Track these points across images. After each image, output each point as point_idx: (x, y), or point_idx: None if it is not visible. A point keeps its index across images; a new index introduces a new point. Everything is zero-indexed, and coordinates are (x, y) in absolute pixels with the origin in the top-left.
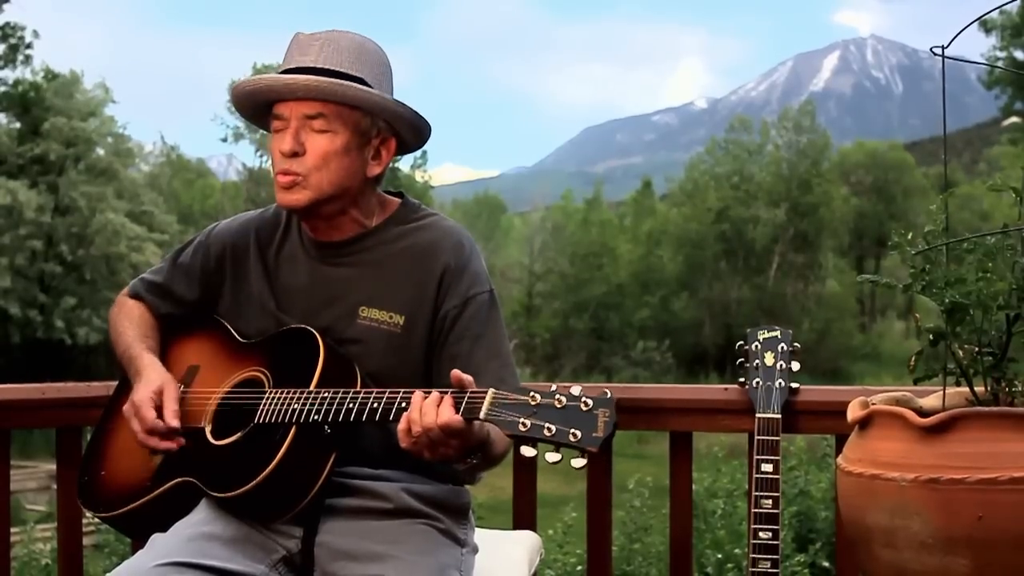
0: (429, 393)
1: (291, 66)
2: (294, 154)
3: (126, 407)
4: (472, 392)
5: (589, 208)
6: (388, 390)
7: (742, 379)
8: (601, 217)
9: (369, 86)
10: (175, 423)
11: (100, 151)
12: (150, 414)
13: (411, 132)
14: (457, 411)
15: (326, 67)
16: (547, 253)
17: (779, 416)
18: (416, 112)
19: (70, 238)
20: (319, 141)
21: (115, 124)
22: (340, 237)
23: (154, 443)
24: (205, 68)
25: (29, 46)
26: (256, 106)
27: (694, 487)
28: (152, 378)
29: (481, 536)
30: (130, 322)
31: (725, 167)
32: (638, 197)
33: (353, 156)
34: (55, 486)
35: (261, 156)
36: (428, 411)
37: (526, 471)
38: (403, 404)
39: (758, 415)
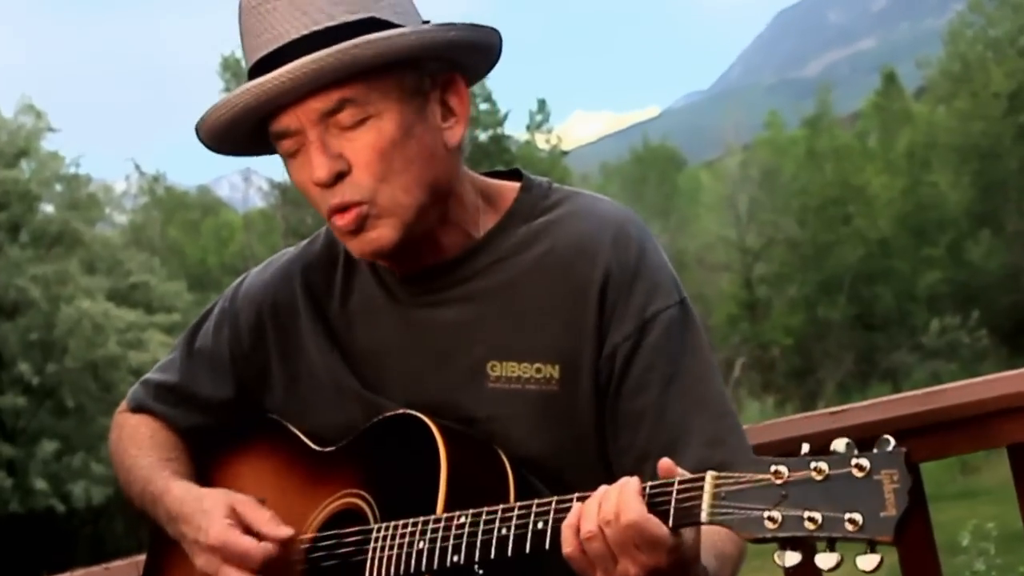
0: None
1: (262, 53)
2: (338, 177)
3: (201, 563)
4: (682, 483)
5: (811, 132)
6: (557, 498)
7: None
8: (834, 143)
9: (385, 23)
10: (286, 531)
11: (47, 207)
12: (246, 542)
13: (475, 55)
14: (650, 507)
15: (312, 30)
16: (761, 215)
17: None
18: (470, 26)
19: (30, 350)
20: (361, 140)
21: (62, 162)
22: (436, 259)
23: None
24: (172, 55)
25: None
26: (243, 137)
27: None
28: (207, 506)
29: None
30: (139, 448)
31: (1005, 26)
32: (880, 100)
33: (419, 133)
34: None
35: None
36: (608, 499)
37: None
38: None
39: None
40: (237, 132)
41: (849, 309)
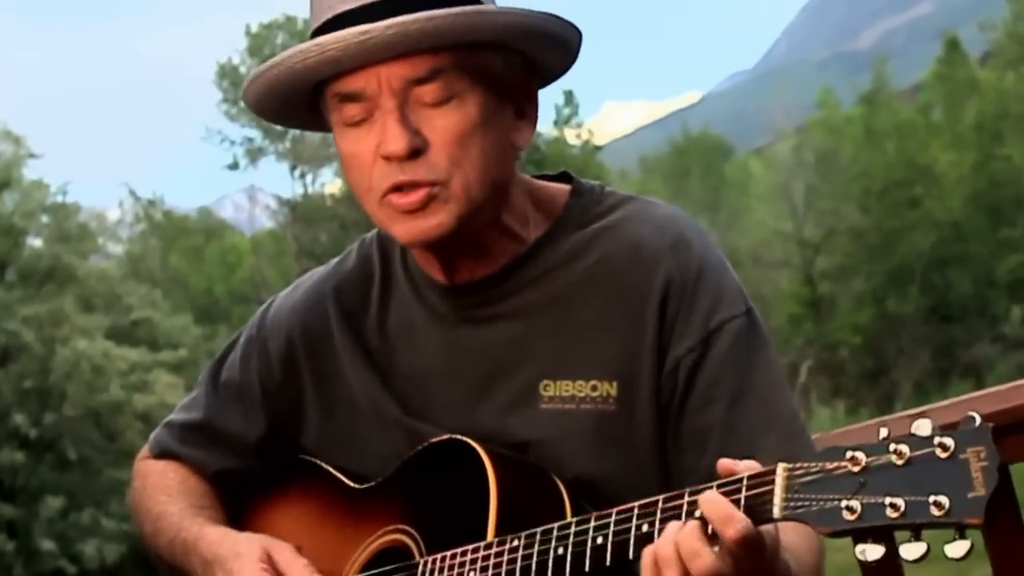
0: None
1: (346, 7)
2: (414, 153)
3: None
4: (751, 478)
5: (869, 109)
6: (616, 510)
7: None
8: (894, 119)
9: (479, 1)
10: None
11: (35, 241)
12: None
13: (555, 52)
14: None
15: None
16: (819, 203)
17: None
18: (559, 19)
19: (25, 399)
20: (444, 119)
21: (47, 191)
22: (485, 271)
23: None
24: (164, 67)
25: None
26: (296, 97)
27: None
28: (242, 550)
29: None
30: (168, 495)
31: None
32: (942, 69)
33: (494, 125)
34: None
35: (303, 175)
36: (688, 540)
37: None
38: (643, 526)
39: None
40: (296, 88)
41: (922, 301)
